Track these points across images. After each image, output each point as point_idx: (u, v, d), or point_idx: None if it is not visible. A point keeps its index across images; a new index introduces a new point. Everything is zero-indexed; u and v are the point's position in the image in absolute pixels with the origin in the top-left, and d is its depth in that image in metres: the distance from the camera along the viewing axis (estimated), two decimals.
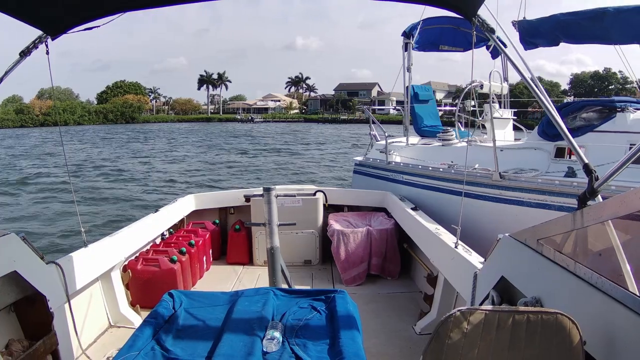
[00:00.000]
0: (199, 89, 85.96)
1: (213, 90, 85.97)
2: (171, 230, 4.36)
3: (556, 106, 4.64)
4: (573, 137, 1.85)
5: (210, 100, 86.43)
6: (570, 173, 4.28)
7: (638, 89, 6.06)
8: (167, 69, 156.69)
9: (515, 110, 6.96)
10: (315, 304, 2.01)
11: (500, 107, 6.67)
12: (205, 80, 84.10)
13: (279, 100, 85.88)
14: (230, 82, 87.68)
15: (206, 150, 27.78)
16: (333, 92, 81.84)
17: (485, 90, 6.06)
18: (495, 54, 6.83)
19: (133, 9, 2.17)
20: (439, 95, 54.73)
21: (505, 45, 2.59)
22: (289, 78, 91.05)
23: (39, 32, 2.18)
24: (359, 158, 7.14)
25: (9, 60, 2.20)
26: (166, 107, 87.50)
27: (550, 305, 1.56)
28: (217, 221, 4.86)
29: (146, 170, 19.11)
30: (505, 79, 6.89)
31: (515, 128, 6.79)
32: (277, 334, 1.70)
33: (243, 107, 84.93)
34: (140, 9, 2.22)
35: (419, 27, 6.58)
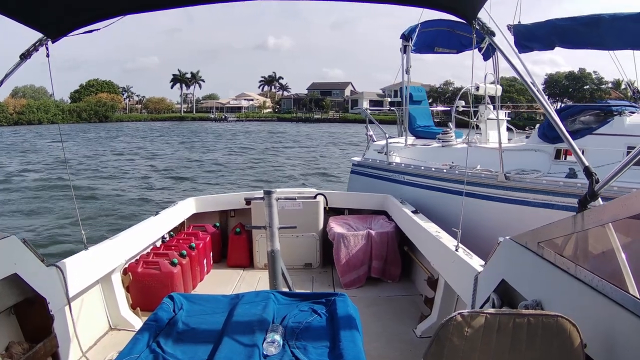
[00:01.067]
0: (172, 87, 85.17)
1: (186, 89, 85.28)
2: (172, 233, 4.36)
3: (556, 109, 4.69)
4: (572, 139, 1.85)
5: (183, 99, 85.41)
6: (572, 174, 4.37)
7: (632, 93, 6.11)
8: (140, 68, 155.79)
9: (509, 111, 7.01)
10: (315, 307, 2.01)
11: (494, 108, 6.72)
12: (178, 79, 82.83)
13: (252, 99, 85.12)
14: (204, 81, 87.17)
15: (187, 150, 27.94)
16: (306, 91, 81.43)
17: (480, 92, 6.12)
18: (487, 55, 6.85)
19: (133, 12, 2.18)
20: None
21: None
22: (262, 77, 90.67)
23: (39, 35, 2.19)
24: (357, 158, 7.14)
25: (8, 63, 2.21)
26: (139, 105, 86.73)
27: (551, 308, 1.56)
28: (218, 224, 4.86)
29: (132, 169, 19.21)
30: (498, 81, 6.93)
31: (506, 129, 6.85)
32: (278, 337, 1.70)
33: (216, 106, 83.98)
34: (140, 12, 2.23)
35: (417, 30, 6.60)
